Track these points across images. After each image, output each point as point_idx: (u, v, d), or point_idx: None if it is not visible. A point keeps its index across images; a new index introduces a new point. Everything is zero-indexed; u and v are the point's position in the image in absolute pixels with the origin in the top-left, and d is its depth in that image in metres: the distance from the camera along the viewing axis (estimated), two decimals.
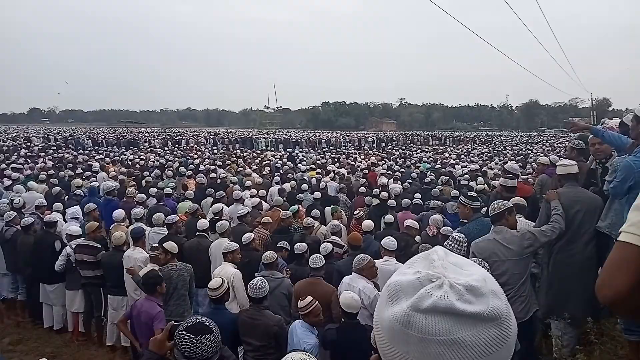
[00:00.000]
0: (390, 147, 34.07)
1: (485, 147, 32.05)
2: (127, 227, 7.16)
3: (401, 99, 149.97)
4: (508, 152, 25.37)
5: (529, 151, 25.39)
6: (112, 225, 7.51)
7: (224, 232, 6.36)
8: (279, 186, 11.13)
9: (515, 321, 0.70)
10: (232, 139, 38.41)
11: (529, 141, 42.22)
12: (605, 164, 4.87)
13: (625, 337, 3.91)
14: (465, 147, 33.32)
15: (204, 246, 6.36)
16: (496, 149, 29.54)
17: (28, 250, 6.73)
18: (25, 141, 31.00)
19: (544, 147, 28.39)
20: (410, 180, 11.96)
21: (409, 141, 43.40)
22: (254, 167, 15.43)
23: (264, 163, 17.30)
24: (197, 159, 18.83)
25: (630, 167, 3.53)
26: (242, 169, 14.58)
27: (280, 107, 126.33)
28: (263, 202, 9.18)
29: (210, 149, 28.15)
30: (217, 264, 6.14)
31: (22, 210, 8.00)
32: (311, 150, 28.99)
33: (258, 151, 27.38)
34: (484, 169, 14.25)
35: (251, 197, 9.49)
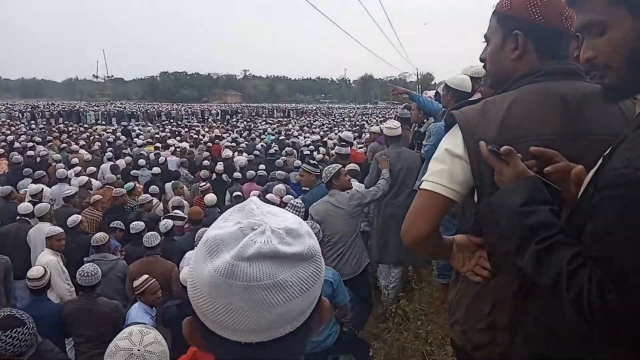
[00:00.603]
0: (235, 119, 33.71)
1: (326, 118, 33.61)
2: None
3: (245, 70, 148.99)
4: (346, 123, 26.98)
5: (364, 122, 27.34)
6: None
7: (44, 216, 5.64)
8: (112, 163, 10.29)
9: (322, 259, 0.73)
10: (55, 112, 34.10)
11: (365, 113, 45.33)
12: (419, 129, 5.45)
13: (439, 280, 4.52)
14: (308, 118, 34.51)
15: (25, 232, 5.57)
16: (336, 120, 31.20)
17: None
18: None
19: (377, 117, 30.77)
20: (256, 152, 12.02)
21: (254, 113, 43.41)
22: (82, 142, 13.97)
23: (92, 138, 15.81)
24: (10, 135, 16.34)
25: (440, 132, 4.00)
26: (67, 145, 13.10)
27: (112, 76, 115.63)
28: (93, 180, 8.37)
29: (27, 124, 24.64)
30: (37, 252, 5.43)
31: None
32: (149, 124, 27.28)
33: (86, 125, 24.81)
34: (325, 139, 14.95)
35: (77, 175, 8.57)
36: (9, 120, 26.44)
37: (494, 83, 1.62)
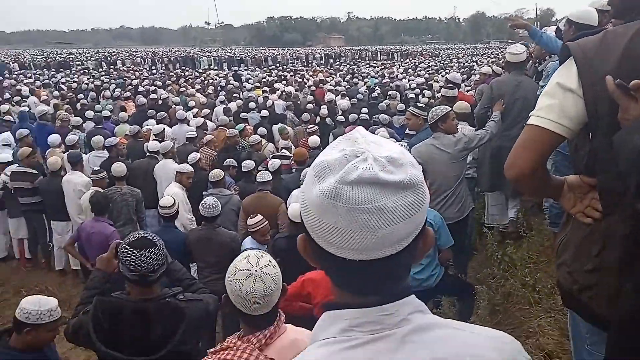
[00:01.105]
0: (338, 63, 33.47)
1: (432, 60, 32.06)
2: (64, 152, 6.85)
3: (349, 12, 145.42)
4: (454, 65, 25.56)
5: (474, 63, 25.69)
6: (47, 151, 7.17)
7: (167, 153, 6.21)
8: (224, 105, 10.86)
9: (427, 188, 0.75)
10: (172, 59, 36.39)
11: (475, 53, 42.47)
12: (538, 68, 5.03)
13: (551, 229, 4.28)
14: (413, 60, 33.18)
15: (152, 167, 6.20)
16: (443, 61, 29.65)
17: None
18: None
19: (489, 58, 28.71)
20: (359, 96, 11.93)
21: (357, 57, 42.68)
22: (197, 87, 14.85)
23: (206, 82, 16.70)
24: (135, 79, 17.85)
25: None
26: (184, 89, 14.02)
27: (222, 23, 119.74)
28: (208, 122, 8.95)
29: (148, 69, 26.65)
30: (162, 186, 6.06)
31: None
32: (257, 68, 28.09)
33: (200, 70, 26.24)
34: (430, 82, 14.36)
35: (195, 117, 9.21)
36: (133, 66, 28.84)
37: (618, 13, 1.48)
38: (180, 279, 2.62)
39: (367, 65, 27.40)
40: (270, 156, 6.71)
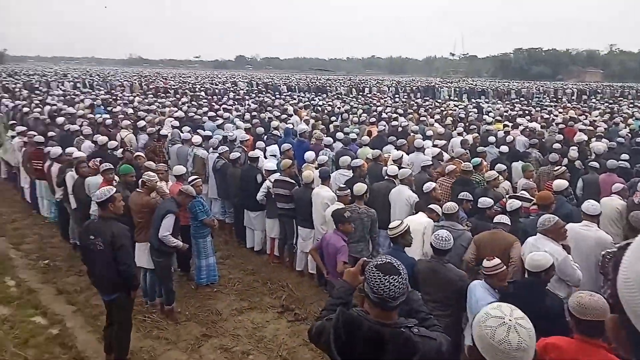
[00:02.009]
0: (593, 100, 29.69)
1: None
2: (316, 168, 7.75)
3: (611, 45, 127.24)
4: None
5: None
6: (303, 165, 8.23)
7: (405, 179, 6.47)
8: (462, 137, 10.76)
9: None
10: (414, 88, 37.80)
11: None
12: None
13: None
14: None
15: (389, 190, 6.54)
16: None
17: (236, 180, 7.81)
18: (232, 85, 35.13)
19: None
20: (619, 139, 10.39)
21: (617, 94, 37.09)
22: (437, 116, 15.05)
23: (445, 113, 16.78)
24: (380, 106, 19.12)
25: None
26: (424, 118, 14.38)
27: (467, 54, 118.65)
28: (444, 153, 9.00)
29: (392, 97, 28.21)
30: (395, 210, 6.34)
31: (234, 143, 9.26)
32: (499, 101, 26.97)
33: (440, 100, 26.55)
34: None
35: (433, 146, 9.37)
36: (378, 94, 30.97)
37: None
38: (417, 310, 2.63)
39: (631, 105, 23.55)
40: (507, 195, 6.37)
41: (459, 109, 18.89)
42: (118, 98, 20.00)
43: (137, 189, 5.90)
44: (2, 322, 5.34)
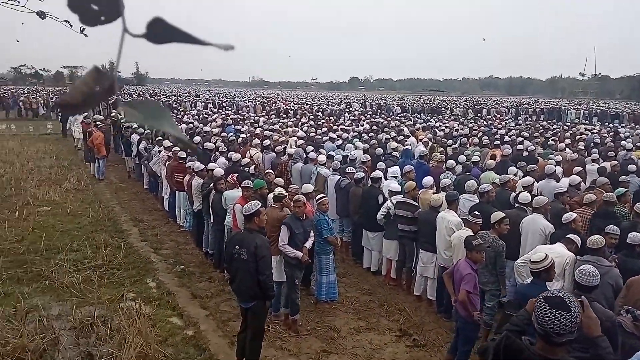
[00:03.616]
0: None
1: None
2: (434, 192, 7.58)
3: None
4: None
5: None
6: (421, 190, 8.09)
7: (540, 208, 6.09)
8: (597, 165, 9.87)
9: None
10: (537, 110, 35.50)
11: None
12: None
13: None
14: None
15: (520, 219, 6.23)
16: None
17: (357, 200, 7.96)
18: (347, 106, 35.95)
19: None
20: None
21: None
22: (567, 141, 13.97)
23: (577, 137, 15.51)
24: (501, 129, 18.25)
25: None
26: (552, 142, 13.44)
27: (599, 74, 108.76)
28: (582, 182, 8.31)
29: (513, 119, 26.77)
30: (527, 240, 5.99)
31: (355, 163, 9.48)
32: (637, 126, 24.30)
33: (568, 124, 24.61)
34: None
35: (565, 175, 8.72)
36: (497, 115, 29.60)
37: None
38: (603, 358, 2.56)
39: None
40: None
41: (592, 133, 17.35)
42: (245, 118, 21.49)
43: (272, 205, 6.29)
44: (146, 319, 5.93)
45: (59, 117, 25.32)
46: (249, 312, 4.92)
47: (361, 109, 33.67)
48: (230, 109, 31.29)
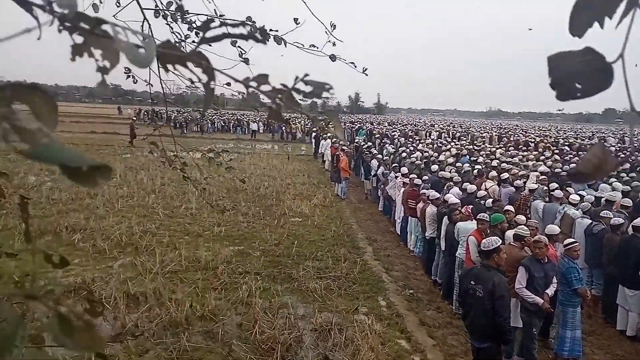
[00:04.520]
0: None
1: None
2: None
3: None
4: None
5: None
6: None
7: None
8: None
9: None
10: None
11: None
12: None
13: None
14: None
15: None
16: None
17: (613, 249, 6.91)
18: (601, 141, 31.49)
19: None
20: None
21: None
22: None
23: None
24: None
25: None
26: None
27: None
28: None
29: None
30: None
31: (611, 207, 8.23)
32: None
33: None
34: None
35: None
36: None
37: None
38: None
39: None
40: None
41: None
42: (480, 149, 20.85)
43: (511, 242, 5.99)
44: (377, 335, 6.21)
45: (312, 142, 28.99)
46: (481, 352, 4.76)
47: (618, 145, 29.01)
48: (464, 138, 30.79)
